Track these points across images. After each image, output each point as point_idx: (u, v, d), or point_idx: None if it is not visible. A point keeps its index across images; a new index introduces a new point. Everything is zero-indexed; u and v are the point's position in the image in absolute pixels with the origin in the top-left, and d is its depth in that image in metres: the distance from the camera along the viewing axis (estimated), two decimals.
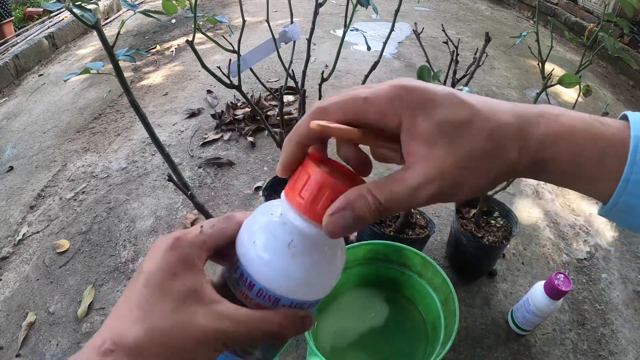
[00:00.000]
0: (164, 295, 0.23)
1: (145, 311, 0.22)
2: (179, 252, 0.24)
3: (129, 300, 0.23)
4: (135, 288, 0.23)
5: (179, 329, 0.22)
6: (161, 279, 0.23)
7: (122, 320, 0.23)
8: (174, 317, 0.22)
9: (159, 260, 0.24)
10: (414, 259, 0.76)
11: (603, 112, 0.70)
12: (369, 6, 0.74)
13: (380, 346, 0.71)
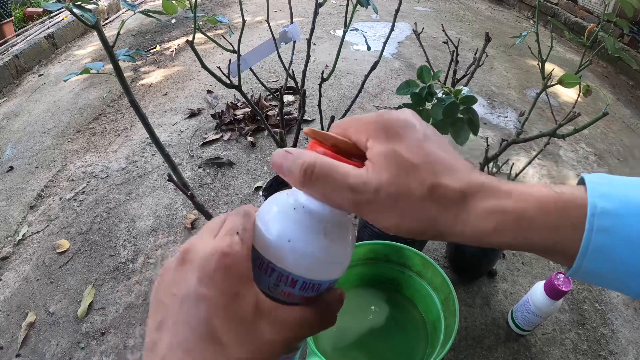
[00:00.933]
0: (232, 320, 0.22)
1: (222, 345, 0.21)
2: (233, 270, 0.23)
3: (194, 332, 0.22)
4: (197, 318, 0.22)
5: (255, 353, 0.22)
6: (225, 304, 0.22)
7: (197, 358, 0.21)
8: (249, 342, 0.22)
9: (216, 282, 0.22)
10: (414, 259, 0.76)
11: (603, 112, 0.70)
12: (369, 6, 0.74)
13: (380, 346, 0.71)
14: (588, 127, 0.73)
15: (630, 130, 1.85)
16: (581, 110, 1.19)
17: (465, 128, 0.65)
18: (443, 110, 0.62)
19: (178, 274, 0.23)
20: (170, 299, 0.22)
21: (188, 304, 0.22)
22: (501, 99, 1.92)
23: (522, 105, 1.89)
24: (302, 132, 0.27)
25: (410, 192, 0.22)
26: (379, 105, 1.80)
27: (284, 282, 0.25)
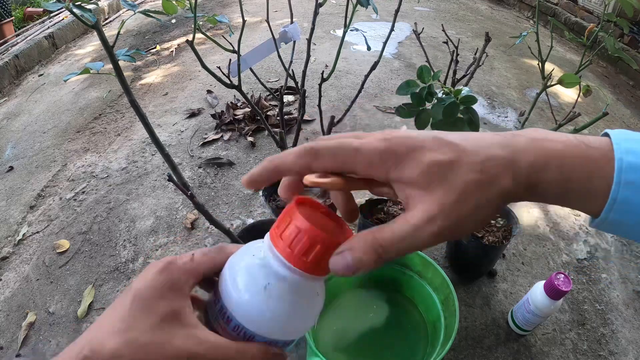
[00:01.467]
0: (147, 312, 0.24)
1: (127, 324, 0.24)
2: (168, 275, 0.26)
3: (113, 313, 0.25)
4: (122, 303, 0.25)
5: (156, 346, 0.23)
6: (147, 298, 0.25)
7: (103, 330, 0.24)
8: (153, 334, 0.24)
9: (149, 280, 0.25)
10: (414, 259, 0.76)
11: (603, 112, 0.70)
12: (369, 6, 0.74)
13: (380, 346, 0.71)
14: (588, 127, 0.73)
15: (630, 130, 1.85)
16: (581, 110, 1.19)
17: (465, 128, 0.65)
18: (443, 110, 0.62)
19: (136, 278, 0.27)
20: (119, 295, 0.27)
21: (122, 294, 0.26)
22: (501, 99, 1.92)
23: (522, 105, 1.89)
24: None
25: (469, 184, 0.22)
26: (379, 105, 1.80)
27: (221, 316, 0.26)
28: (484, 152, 0.23)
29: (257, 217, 1.23)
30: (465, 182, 0.22)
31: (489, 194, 0.23)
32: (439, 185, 0.22)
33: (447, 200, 0.22)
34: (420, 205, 0.22)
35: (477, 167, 0.22)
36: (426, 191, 0.22)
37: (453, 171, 0.22)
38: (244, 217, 1.22)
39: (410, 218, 0.22)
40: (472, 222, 0.23)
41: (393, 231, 0.23)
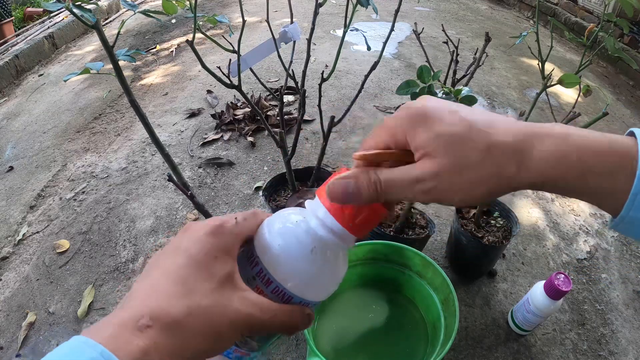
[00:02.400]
0: (206, 275, 0.24)
1: (188, 289, 0.23)
2: (220, 238, 0.26)
3: (168, 276, 0.24)
4: (175, 265, 0.24)
5: (218, 309, 0.23)
6: (203, 260, 0.25)
7: (161, 295, 0.23)
8: (214, 297, 0.24)
9: (201, 242, 0.25)
10: (414, 259, 0.76)
11: (603, 112, 0.70)
12: (369, 6, 0.74)
13: (380, 346, 0.71)
14: (588, 127, 0.73)
15: None
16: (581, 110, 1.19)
17: None
18: None
19: (174, 238, 0.26)
20: (160, 256, 0.26)
21: (169, 255, 0.25)
22: (501, 99, 1.92)
23: (522, 105, 1.89)
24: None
25: (469, 162, 0.24)
26: (379, 105, 1.80)
27: (260, 278, 0.27)
28: (493, 136, 0.24)
29: None
30: (466, 158, 0.24)
31: (487, 178, 0.24)
32: (442, 154, 0.24)
33: (443, 168, 0.24)
34: (422, 164, 0.25)
35: (482, 147, 0.24)
36: (430, 156, 0.25)
37: (458, 145, 0.24)
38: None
39: (411, 172, 0.25)
40: (462, 194, 0.25)
41: (394, 178, 0.26)
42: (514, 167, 0.24)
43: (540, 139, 0.24)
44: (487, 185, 0.24)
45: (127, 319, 0.22)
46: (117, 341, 0.21)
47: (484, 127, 0.24)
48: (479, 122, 0.24)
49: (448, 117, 0.25)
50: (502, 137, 0.24)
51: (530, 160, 0.24)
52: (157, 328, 0.22)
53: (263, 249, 0.28)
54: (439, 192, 0.25)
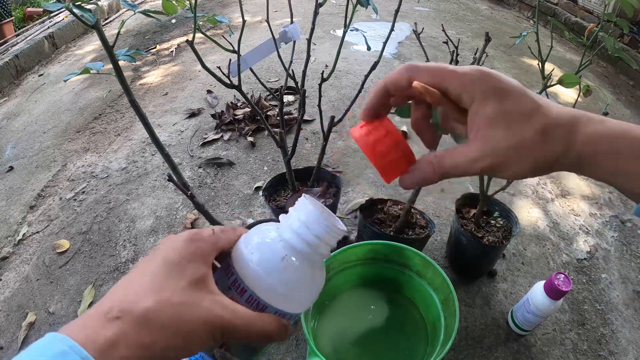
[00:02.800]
0: (178, 275, 0.25)
1: (159, 285, 0.24)
2: (196, 244, 0.27)
3: (143, 274, 0.25)
4: (151, 265, 0.26)
5: (188, 307, 0.24)
6: (178, 262, 0.26)
7: (133, 290, 0.24)
8: (185, 295, 0.25)
9: (177, 247, 0.27)
10: (414, 259, 0.76)
11: (603, 112, 0.70)
12: (369, 6, 0.74)
13: (380, 346, 0.71)
14: None
15: None
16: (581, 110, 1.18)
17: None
18: None
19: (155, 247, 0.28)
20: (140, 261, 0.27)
21: (147, 259, 0.26)
22: None
23: None
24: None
25: (525, 139, 0.26)
26: None
27: (235, 288, 0.28)
28: (552, 116, 0.27)
29: (257, 217, 1.23)
30: (524, 136, 0.26)
31: (538, 154, 0.26)
32: (502, 130, 0.26)
33: (502, 144, 0.26)
34: (480, 141, 0.27)
35: (540, 127, 0.26)
36: (490, 130, 0.26)
37: (519, 123, 0.26)
38: (244, 217, 1.22)
39: (469, 152, 0.27)
40: (514, 169, 0.27)
41: (453, 160, 0.28)
42: (563, 146, 0.26)
43: (584, 123, 0.26)
44: (538, 162, 0.26)
45: (96, 312, 0.23)
46: (86, 332, 0.21)
47: (545, 108, 0.27)
48: (539, 103, 0.27)
49: (517, 93, 0.27)
50: (556, 118, 0.27)
51: (575, 142, 0.26)
52: (125, 320, 0.22)
53: (237, 258, 0.29)
54: (494, 167, 0.27)
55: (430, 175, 0.29)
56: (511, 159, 0.26)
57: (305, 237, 0.28)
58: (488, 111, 0.26)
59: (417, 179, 0.29)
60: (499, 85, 0.27)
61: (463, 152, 0.27)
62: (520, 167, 0.27)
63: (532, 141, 0.26)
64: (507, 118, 0.26)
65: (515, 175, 0.27)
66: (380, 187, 1.33)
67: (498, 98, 0.26)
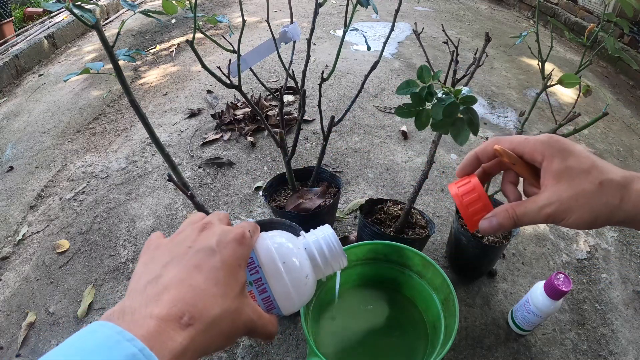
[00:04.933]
0: (234, 280, 0.27)
1: (223, 291, 0.26)
2: (244, 249, 0.29)
3: (205, 276, 0.26)
4: (209, 265, 0.26)
5: (239, 314, 0.26)
6: (233, 266, 0.27)
7: (201, 294, 0.24)
8: (237, 302, 0.26)
9: (231, 248, 0.28)
10: (414, 259, 0.76)
11: (603, 112, 0.70)
12: (369, 6, 0.74)
13: (380, 346, 0.71)
14: (588, 127, 0.73)
15: (630, 130, 1.85)
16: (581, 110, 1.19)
17: (465, 128, 0.64)
18: (443, 110, 0.62)
19: (196, 235, 0.28)
20: (183, 249, 0.27)
21: (203, 254, 0.26)
22: (501, 99, 1.92)
23: (522, 105, 1.89)
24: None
25: (585, 191, 0.31)
26: (379, 105, 1.80)
27: (257, 286, 0.31)
28: (607, 173, 0.31)
29: (257, 217, 1.23)
30: (584, 188, 0.31)
31: (596, 204, 0.31)
32: (566, 183, 0.32)
33: (565, 194, 0.32)
34: (548, 192, 0.32)
35: (598, 181, 0.31)
36: (557, 183, 0.32)
37: (580, 177, 0.31)
38: (244, 217, 1.22)
39: (538, 201, 0.33)
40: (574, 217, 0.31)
41: (525, 208, 0.34)
42: (618, 199, 0.30)
43: (637, 180, 0.31)
44: (595, 212, 0.31)
45: (167, 315, 0.22)
46: (160, 337, 0.21)
47: (602, 167, 0.32)
48: (597, 162, 0.32)
49: (578, 154, 0.32)
50: (611, 175, 0.31)
51: (629, 195, 0.30)
52: (197, 326, 0.23)
53: (266, 262, 0.31)
54: (558, 213, 0.32)
55: (505, 221, 0.34)
56: (573, 207, 0.31)
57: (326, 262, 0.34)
58: (554, 167, 0.32)
59: (494, 224, 0.35)
60: (564, 147, 0.33)
61: (534, 200, 0.33)
62: (581, 215, 0.31)
63: (591, 192, 0.31)
64: (570, 173, 0.32)
65: (578, 223, 0.32)
66: (380, 187, 1.33)
67: (562, 156, 0.32)
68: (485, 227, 0.35)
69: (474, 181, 0.36)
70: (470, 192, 0.36)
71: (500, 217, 0.34)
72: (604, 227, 1.25)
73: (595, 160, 0.32)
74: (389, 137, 1.59)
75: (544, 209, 0.32)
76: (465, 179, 0.37)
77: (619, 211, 0.31)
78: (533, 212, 0.33)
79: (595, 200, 0.31)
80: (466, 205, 0.36)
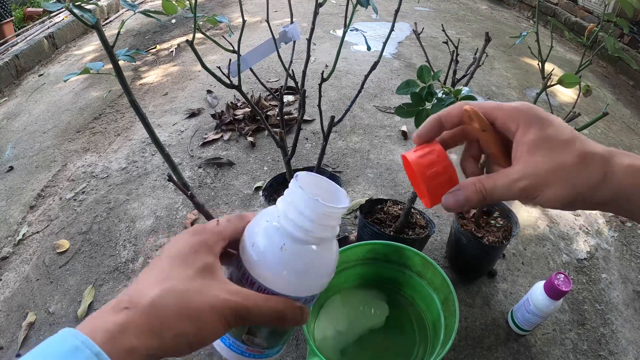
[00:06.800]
0: (184, 265, 0.26)
1: (166, 275, 0.25)
2: (200, 236, 0.28)
3: (150, 271, 0.26)
4: (158, 262, 0.27)
5: (195, 293, 0.25)
6: (183, 253, 0.27)
7: (140, 284, 0.25)
8: (191, 282, 0.25)
9: (183, 240, 0.28)
10: (414, 259, 0.76)
11: (603, 112, 0.70)
12: (369, 6, 0.74)
13: (380, 346, 0.71)
14: (588, 127, 0.73)
15: (630, 130, 1.85)
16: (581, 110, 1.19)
17: None
18: None
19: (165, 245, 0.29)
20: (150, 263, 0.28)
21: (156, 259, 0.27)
22: (501, 99, 1.92)
23: None
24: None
25: (564, 163, 0.27)
26: (379, 105, 1.80)
27: (245, 280, 0.29)
28: (588, 146, 0.28)
29: None
30: (564, 161, 0.27)
31: (577, 179, 0.27)
32: (542, 155, 0.28)
33: (542, 167, 0.27)
34: (521, 165, 0.28)
35: (579, 153, 0.27)
36: (532, 154, 0.28)
37: (560, 148, 0.27)
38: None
39: (510, 173, 0.29)
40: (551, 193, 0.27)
41: (495, 181, 0.29)
42: (601, 174, 0.27)
43: (620, 155, 0.28)
44: (576, 187, 0.27)
45: (105, 307, 0.24)
46: (95, 322, 0.22)
47: (582, 140, 0.28)
48: (577, 133, 0.28)
49: (557, 124, 0.28)
50: (594, 147, 0.28)
51: (612, 171, 0.27)
52: (133, 309, 0.23)
53: (243, 251, 0.29)
54: (534, 187, 0.28)
55: (472, 195, 0.29)
56: (550, 181, 0.27)
57: (301, 223, 0.27)
58: (530, 137, 0.28)
59: (461, 198, 0.30)
60: (542, 115, 0.29)
61: (505, 173, 0.29)
62: (560, 190, 0.27)
63: (572, 165, 0.27)
64: (548, 143, 0.28)
65: (555, 200, 0.28)
66: (380, 187, 1.33)
67: (540, 125, 0.28)
68: (451, 202, 0.30)
69: (437, 149, 0.30)
70: (435, 162, 0.30)
71: (468, 190, 0.29)
72: (604, 229, 1.25)
73: (575, 131, 0.29)
74: (389, 137, 1.59)
75: (517, 182, 0.28)
76: (425, 147, 0.31)
77: (602, 188, 0.27)
78: (504, 187, 0.28)
79: (576, 174, 0.27)
80: (430, 177, 0.30)
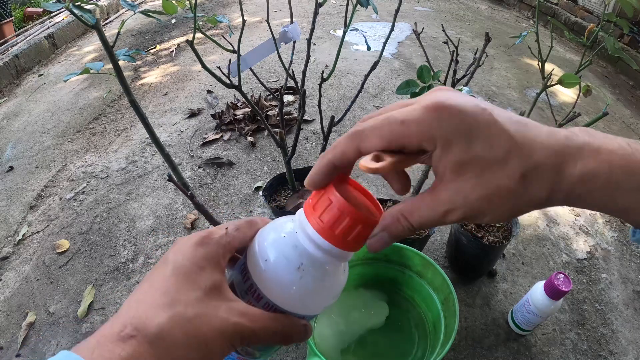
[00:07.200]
0: (190, 285, 0.24)
1: (172, 299, 0.23)
2: (206, 248, 0.25)
3: (153, 287, 0.24)
4: (161, 276, 0.24)
5: (203, 319, 0.23)
6: (189, 270, 0.24)
7: (145, 306, 0.23)
8: (199, 307, 0.23)
9: (187, 253, 0.25)
10: (414, 259, 0.76)
11: (603, 112, 0.70)
12: (369, 6, 0.74)
13: (380, 346, 0.71)
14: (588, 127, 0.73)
15: (630, 130, 1.85)
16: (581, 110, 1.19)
17: None
18: None
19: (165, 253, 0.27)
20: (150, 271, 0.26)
21: (157, 268, 0.25)
22: (501, 99, 1.92)
23: (522, 105, 1.89)
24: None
25: (500, 189, 0.22)
26: (379, 105, 1.79)
27: (252, 294, 0.27)
28: (532, 157, 0.22)
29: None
30: (497, 186, 0.22)
31: (517, 202, 0.23)
32: (472, 180, 0.22)
33: (471, 196, 0.22)
34: (449, 192, 0.23)
35: (519, 175, 0.22)
36: (459, 179, 0.22)
37: (493, 171, 0.22)
38: (244, 217, 1.22)
39: (436, 204, 0.23)
40: (489, 218, 0.24)
41: (420, 214, 0.24)
42: (547, 191, 0.22)
43: (573, 157, 0.22)
44: (517, 208, 0.23)
45: (110, 331, 0.22)
46: (100, 351, 0.20)
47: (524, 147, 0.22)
48: (519, 138, 0.22)
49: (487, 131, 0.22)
50: (538, 157, 0.22)
51: (561, 183, 0.22)
52: (140, 338, 0.21)
53: (253, 264, 0.27)
54: (468, 218, 0.24)
55: (398, 233, 0.25)
56: (486, 210, 0.23)
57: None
58: (453, 157, 0.22)
59: (385, 240, 0.25)
60: (463, 124, 0.22)
61: (431, 204, 0.24)
62: (500, 214, 0.23)
63: (509, 190, 0.22)
64: (477, 165, 0.22)
65: (496, 220, 0.24)
66: (380, 187, 1.33)
67: (464, 140, 0.22)
68: (377, 246, 0.25)
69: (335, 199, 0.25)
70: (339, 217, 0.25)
71: (391, 229, 0.25)
72: (604, 229, 1.25)
73: (513, 135, 0.22)
74: None
75: (448, 215, 0.23)
76: (323, 196, 0.25)
77: (549, 202, 0.23)
78: (433, 219, 0.24)
79: (516, 198, 0.22)
80: (342, 236, 0.25)
